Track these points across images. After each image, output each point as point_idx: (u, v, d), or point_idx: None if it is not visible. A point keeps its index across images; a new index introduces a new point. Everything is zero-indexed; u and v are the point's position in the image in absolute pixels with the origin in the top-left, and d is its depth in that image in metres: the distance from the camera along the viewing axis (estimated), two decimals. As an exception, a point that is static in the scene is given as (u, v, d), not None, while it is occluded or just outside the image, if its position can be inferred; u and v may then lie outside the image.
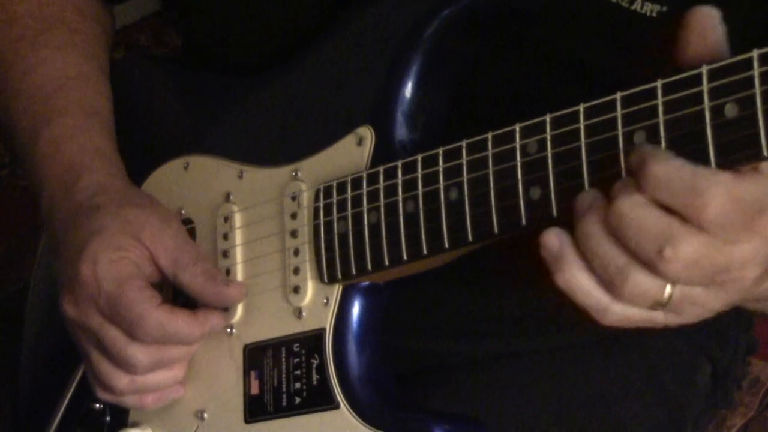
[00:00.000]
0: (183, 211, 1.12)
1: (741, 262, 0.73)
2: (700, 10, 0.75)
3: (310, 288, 0.99)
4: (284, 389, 1.01)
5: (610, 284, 0.76)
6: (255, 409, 1.03)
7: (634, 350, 1.14)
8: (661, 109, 0.75)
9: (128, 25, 2.13)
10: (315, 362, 0.98)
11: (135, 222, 1.04)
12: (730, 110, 0.71)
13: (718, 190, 0.70)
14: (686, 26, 0.75)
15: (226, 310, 1.06)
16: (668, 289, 0.75)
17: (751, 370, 1.46)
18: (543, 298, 1.09)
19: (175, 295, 1.09)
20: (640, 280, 0.75)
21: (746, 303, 0.84)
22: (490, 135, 0.85)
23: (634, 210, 0.73)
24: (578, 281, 0.77)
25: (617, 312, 0.77)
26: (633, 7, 0.92)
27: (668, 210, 0.73)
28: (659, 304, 0.76)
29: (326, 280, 0.97)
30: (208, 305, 1.05)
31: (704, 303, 0.77)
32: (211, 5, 1.14)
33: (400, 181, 0.92)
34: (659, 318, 0.78)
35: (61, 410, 1.16)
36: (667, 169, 0.72)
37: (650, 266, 0.74)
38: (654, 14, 0.92)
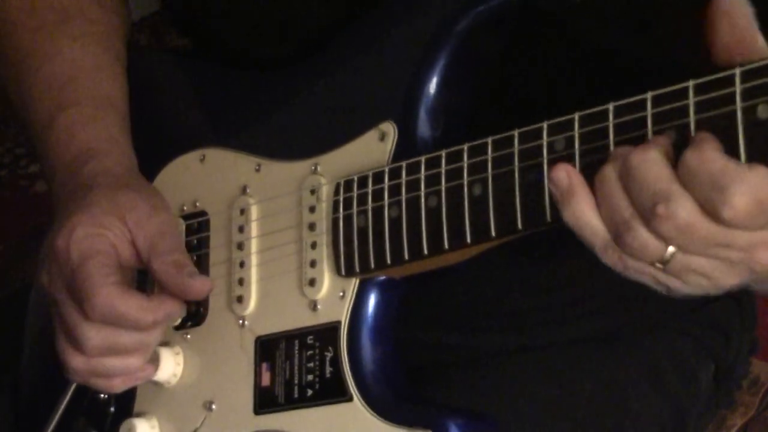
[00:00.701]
0: (197, 203, 1.13)
1: (749, 243, 0.74)
2: None
3: (327, 281, 1.00)
4: (296, 381, 1.01)
5: (614, 232, 0.78)
6: (265, 401, 1.03)
7: (638, 349, 1.14)
8: (692, 109, 0.76)
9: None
10: (329, 355, 0.99)
11: (124, 204, 1.04)
12: (763, 111, 0.72)
13: (742, 190, 0.72)
14: (713, 15, 0.75)
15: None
16: (670, 249, 0.76)
17: (752, 370, 1.47)
18: (551, 292, 1.11)
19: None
20: (641, 234, 0.76)
21: (756, 282, 0.83)
22: (516, 132, 0.86)
23: (643, 164, 0.75)
24: (587, 218, 0.79)
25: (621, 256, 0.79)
26: None
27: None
28: (660, 262, 0.77)
29: (343, 274, 0.98)
30: (174, 295, 1.03)
31: (709, 275, 0.78)
32: (212, 5, 1.15)
33: (423, 176, 0.92)
34: (660, 276, 0.79)
35: (65, 401, 1.16)
36: (700, 159, 0.73)
37: (647, 222, 0.76)
38: None
